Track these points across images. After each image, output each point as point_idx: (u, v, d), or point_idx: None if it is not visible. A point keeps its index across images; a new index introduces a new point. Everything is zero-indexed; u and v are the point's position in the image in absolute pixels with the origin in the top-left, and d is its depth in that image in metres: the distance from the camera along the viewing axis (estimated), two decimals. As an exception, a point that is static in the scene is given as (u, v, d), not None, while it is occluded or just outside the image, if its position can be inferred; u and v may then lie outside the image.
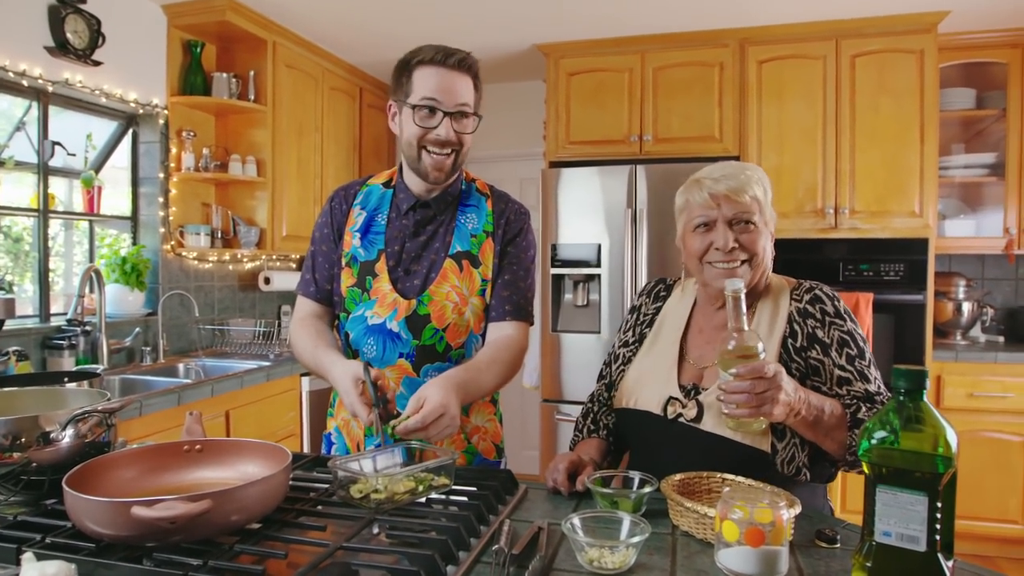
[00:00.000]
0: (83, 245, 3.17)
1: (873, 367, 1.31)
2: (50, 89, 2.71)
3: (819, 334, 1.31)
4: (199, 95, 3.27)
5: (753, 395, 1.09)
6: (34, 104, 2.75)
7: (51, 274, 2.92)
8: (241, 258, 3.68)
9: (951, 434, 0.84)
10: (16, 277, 2.85)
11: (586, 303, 3.60)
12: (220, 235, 3.45)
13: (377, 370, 1.32)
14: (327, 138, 3.91)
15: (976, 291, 3.67)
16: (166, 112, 3.20)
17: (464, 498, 1.16)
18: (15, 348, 2.50)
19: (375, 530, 1.03)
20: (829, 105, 3.41)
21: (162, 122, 3.19)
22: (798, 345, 1.32)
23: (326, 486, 1.22)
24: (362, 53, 3.95)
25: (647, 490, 1.15)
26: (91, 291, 2.85)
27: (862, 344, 1.32)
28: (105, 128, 3.14)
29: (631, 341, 1.52)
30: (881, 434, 0.86)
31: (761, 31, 3.47)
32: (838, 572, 0.95)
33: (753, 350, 1.13)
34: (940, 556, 0.83)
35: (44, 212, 2.82)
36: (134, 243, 3.24)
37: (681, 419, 1.32)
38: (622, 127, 3.65)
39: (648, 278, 3.40)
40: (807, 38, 3.43)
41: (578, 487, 1.25)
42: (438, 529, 1.00)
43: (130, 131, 3.22)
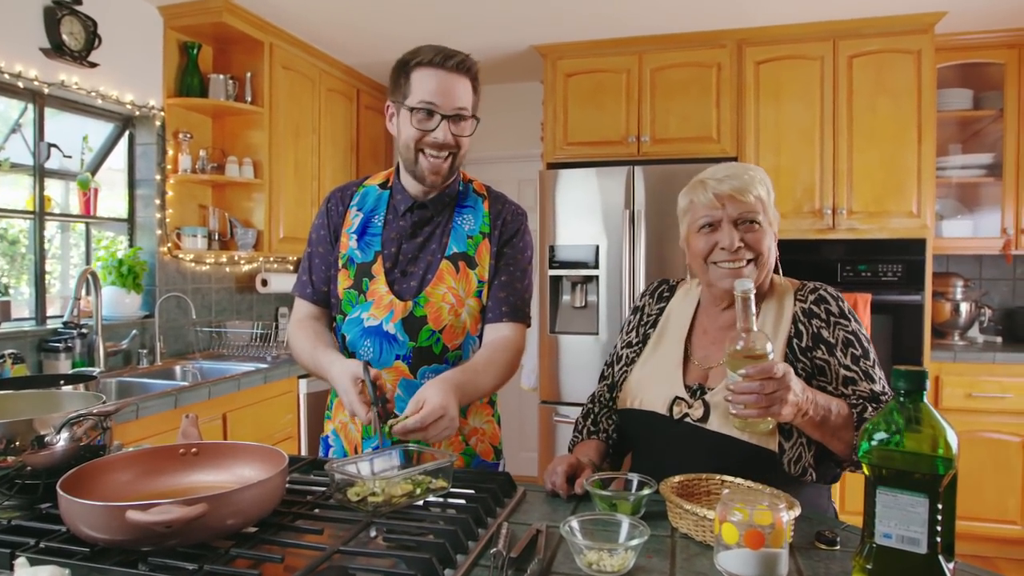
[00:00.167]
0: (80, 247, 3.16)
1: (878, 367, 1.31)
2: (46, 91, 2.70)
3: (824, 334, 1.31)
4: (196, 97, 3.27)
5: (762, 395, 1.09)
6: (30, 106, 2.74)
7: (48, 276, 2.91)
8: (238, 260, 3.67)
9: (951, 435, 0.83)
10: (12, 280, 2.84)
11: (584, 304, 3.59)
12: (217, 237, 3.44)
13: (376, 370, 1.31)
14: (324, 140, 3.90)
15: (974, 291, 3.67)
16: (162, 114, 3.19)
17: (462, 501, 1.16)
18: (11, 351, 2.49)
19: (372, 533, 1.03)
20: (827, 106, 3.41)
21: (159, 124, 3.18)
22: (803, 345, 1.31)
23: (323, 489, 1.21)
24: (359, 54, 3.94)
25: (646, 492, 1.14)
26: (87, 293, 2.85)
27: (867, 344, 1.32)
28: (101, 130, 3.13)
29: (634, 342, 1.51)
30: (881, 435, 0.86)
31: (759, 32, 3.47)
32: (838, 574, 0.95)
33: (762, 350, 1.12)
34: (941, 558, 0.82)
35: (40, 214, 2.81)
36: (131, 245, 3.23)
37: (687, 419, 1.31)
38: (620, 128, 3.65)
39: (646, 279, 3.39)
40: (804, 39, 3.43)
41: (577, 490, 1.25)
42: (436, 532, 0.99)
43: (126, 133, 3.21)
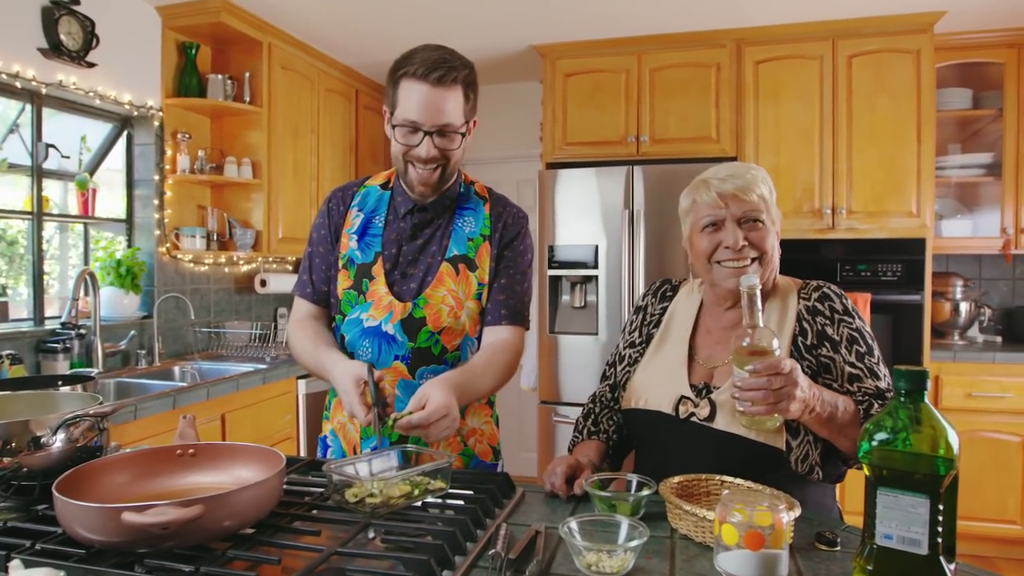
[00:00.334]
0: (78, 248, 3.16)
1: (882, 364, 1.30)
2: (44, 91, 2.70)
3: (828, 331, 1.31)
4: (194, 97, 3.26)
5: (770, 392, 1.08)
6: (28, 106, 2.74)
7: (46, 277, 2.91)
8: (237, 260, 3.67)
9: (952, 435, 0.83)
10: (11, 280, 2.83)
11: (583, 304, 3.59)
12: (216, 237, 3.44)
13: (380, 372, 1.30)
14: (323, 140, 3.89)
15: (973, 291, 3.67)
16: (161, 114, 3.19)
17: (460, 502, 1.15)
18: (9, 352, 2.49)
19: (370, 534, 1.02)
20: (826, 105, 3.41)
21: (157, 124, 3.18)
22: (808, 343, 1.31)
23: (321, 490, 1.20)
24: (358, 55, 3.94)
25: (645, 493, 1.14)
26: (86, 294, 2.84)
27: (871, 341, 1.32)
28: (100, 130, 3.12)
29: (637, 341, 1.50)
30: (882, 436, 0.85)
31: (758, 31, 3.47)
32: (838, 575, 0.94)
33: (768, 347, 1.11)
34: (942, 559, 0.82)
35: (38, 215, 2.81)
36: (129, 246, 3.22)
37: (693, 418, 1.31)
38: (619, 128, 3.64)
39: (646, 279, 3.39)
40: (804, 38, 3.42)
41: (576, 491, 1.24)
42: (434, 533, 0.99)
43: (125, 133, 3.20)
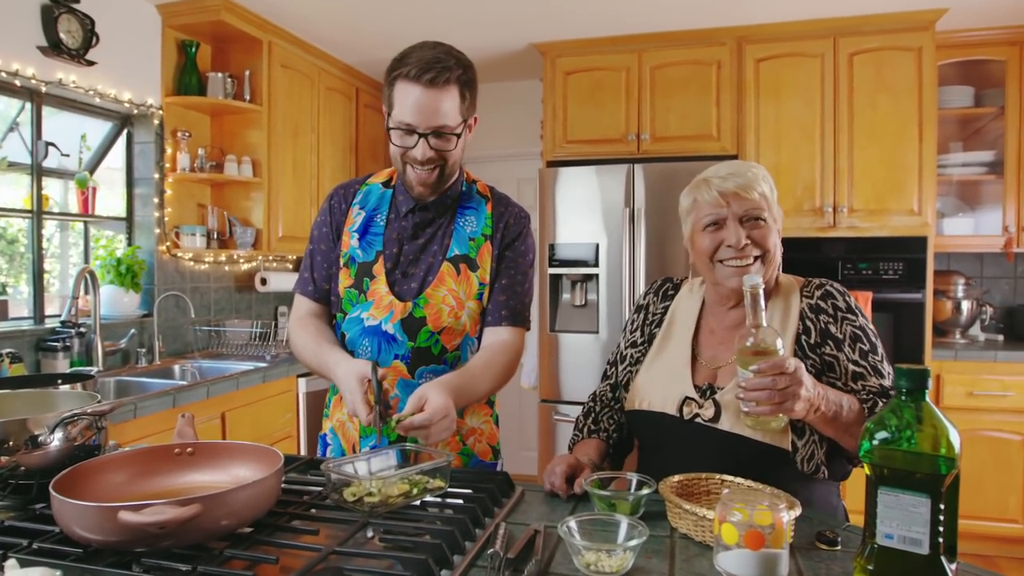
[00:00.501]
0: (79, 246, 3.16)
1: (886, 362, 1.29)
2: (43, 89, 2.70)
3: (832, 329, 1.30)
4: (194, 95, 3.25)
5: (775, 391, 1.07)
6: (27, 104, 2.73)
7: (47, 276, 2.91)
8: (237, 259, 3.67)
9: (954, 434, 0.82)
10: (11, 279, 2.83)
11: (584, 303, 3.58)
12: (216, 236, 3.43)
13: (384, 370, 1.30)
14: (323, 138, 3.89)
15: (975, 289, 3.66)
16: (161, 112, 3.18)
17: (459, 501, 1.15)
18: (9, 350, 2.49)
19: (369, 534, 1.02)
20: (827, 103, 3.40)
21: (157, 122, 3.17)
22: (812, 342, 1.30)
23: (320, 489, 1.20)
24: (358, 53, 3.93)
25: (645, 492, 1.13)
26: (86, 292, 2.84)
27: (874, 339, 1.31)
28: (100, 128, 3.12)
29: (639, 341, 1.49)
30: (883, 435, 0.85)
31: (758, 29, 3.46)
32: (839, 575, 0.94)
33: (772, 346, 1.10)
34: (943, 559, 0.81)
35: (38, 213, 2.80)
36: (129, 244, 3.22)
37: (698, 419, 1.30)
38: (619, 126, 3.64)
39: (646, 278, 3.38)
40: (805, 36, 3.42)
41: (576, 490, 1.24)
42: (432, 532, 0.98)
43: (125, 131, 3.20)
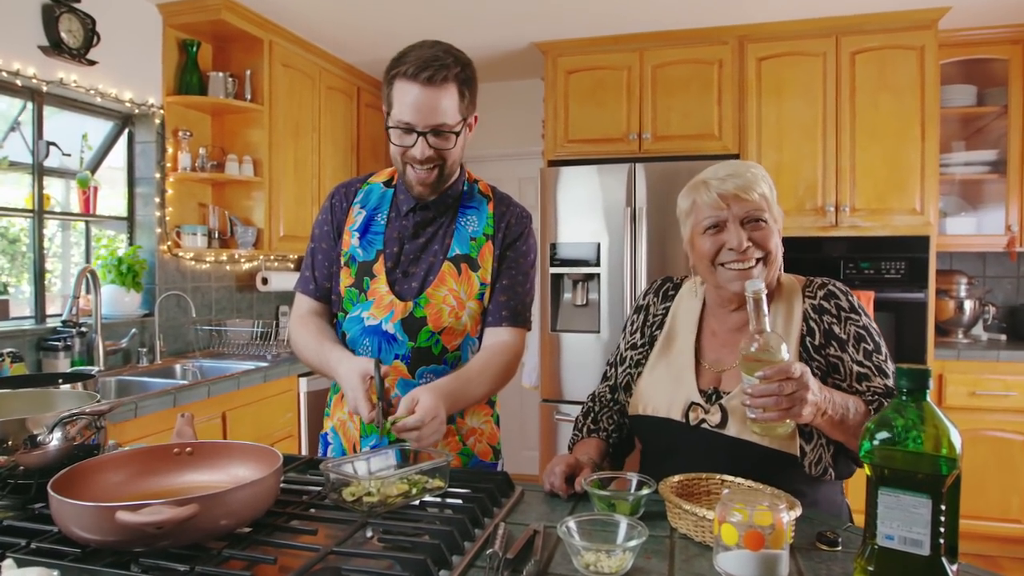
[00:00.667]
0: (81, 246, 3.16)
1: (890, 361, 1.28)
2: (44, 89, 2.70)
3: (836, 330, 1.29)
4: (195, 95, 3.25)
5: (782, 397, 1.05)
6: (28, 104, 2.73)
7: (49, 275, 2.91)
8: (238, 258, 3.67)
9: (955, 435, 0.82)
10: (13, 278, 2.83)
11: (585, 302, 3.58)
12: (217, 235, 3.43)
13: (387, 367, 1.29)
14: (324, 138, 3.89)
15: (978, 289, 3.65)
16: (162, 112, 3.18)
17: (459, 501, 1.15)
18: (10, 350, 2.49)
19: (368, 534, 1.02)
20: (829, 102, 3.39)
21: (158, 122, 3.18)
22: (817, 343, 1.29)
23: (319, 489, 1.20)
24: (360, 52, 3.93)
25: (645, 492, 1.13)
26: (87, 292, 2.84)
27: (878, 338, 1.30)
28: (101, 128, 3.12)
29: (639, 343, 1.47)
30: (883, 435, 0.84)
31: (760, 28, 3.45)
32: (839, 576, 0.94)
33: (776, 352, 1.09)
34: (944, 560, 0.81)
35: (39, 213, 2.81)
36: (130, 244, 3.22)
37: (704, 425, 1.28)
38: (621, 125, 3.63)
39: (648, 277, 3.38)
40: (807, 35, 3.41)
41: (576, 488, 1.23)
42: (431, 533, 0.98)
43: (126, 131, 3.20)
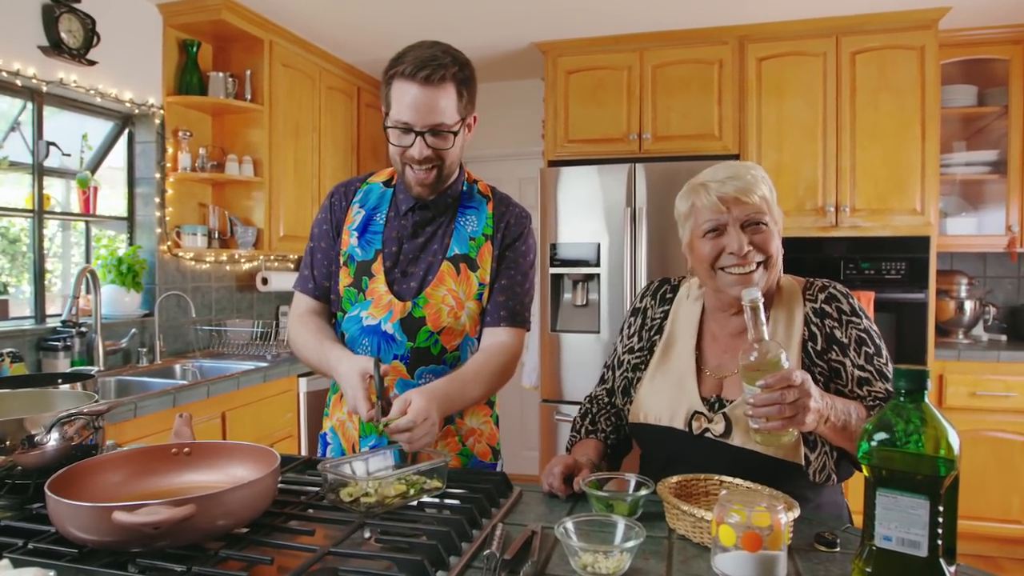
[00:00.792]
0: (81, 246, 3.16)
1: (890, 365, 1.27)
2: (44, 89, 2.70)
3: (837, 334, 1.27)
4: (195, 95, 3.25)
5: (785, 406, 1.04)
6: (28, 104, 2.73)
7: (49, 275, 2.91)
8: (238, 258, 3.67)
9: (953, 436, 0.81)
10: (13, 278, 2.84)
11: (585, 303, 3.58)
12: (217, 235, 3.43)
13: (387, 366, 1.29)
14: (324, 138, 3.89)
15: (978, 289, 3.65)
16: (162, 112, 3.18)
17: (456, 501, 1.14)
18: (10, 350, 2.49)
19: (366, 534, 1.01)
20: (829, 102, 3.38)
21: (158, 122, 3.18)
22: (819, 348, 1.27)
23: (317, 489, 1.20)
24: (360, 52, 3.93)
25: (643, 493, 1.13)
26: (87, 292, 2.84)
27: (879, 341, 1.28)
28: (101, 128, 3.12)
29: (637, 347, 1.45)
30: (881, 436, 0.84)
31: (760, 28, 3.45)
32: (838, 577, 0.93)
33: (776, 360, 1.07)
34: (942, 561, 0.81)
35: (39, 213, 2.81)
36: (130, 244, 3.22)
37: (708, 434, 1.26)
38: (621, 125, 3.63)
39: (648, 277, 3.38)
40: (807, 35, 3.40)
41: (575, 489, 1.23)
42: (429, 533, 0.98)
43: (126, 131, 3.20)
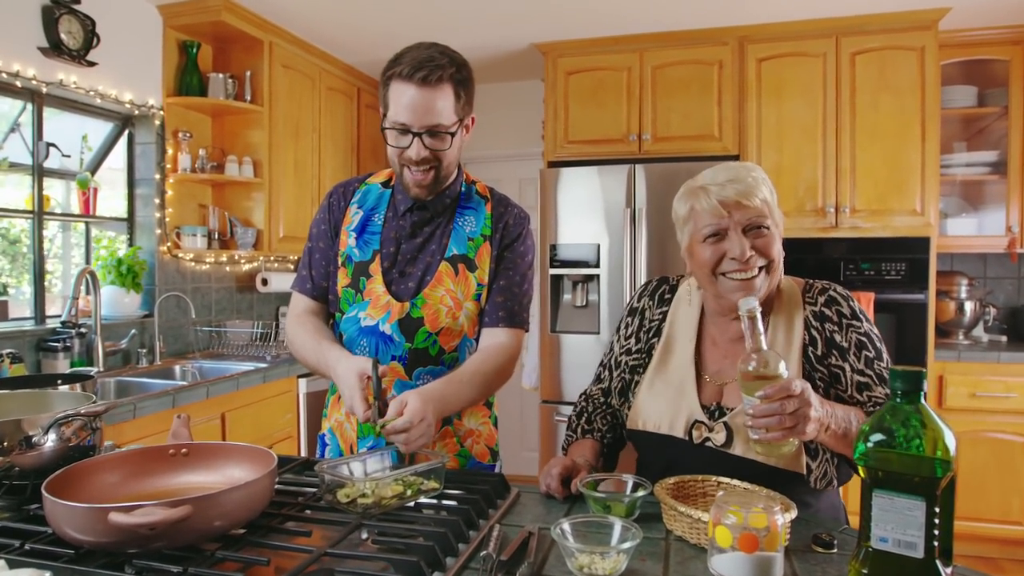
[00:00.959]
0: (81, 247, 3.16)
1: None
2: (44, 90, 2.70)
3: (837, 338, 1.26)
4: (195, 96, 3.26)
5: (785, 416, 1.03)
6: (28, 105, 2.74)
7: (49, 276, 2.91)
8: (238, 259, 3.67)
9: (950, 437, 0.81)
10: (13, 279, 2.84)
11: (585, 303, 3.57)
12: (217, 236, 3.44)
13: (385, 366, 1.29)
14: (324, 139, 3.89)
15: (978, 290, 3.64)
16: (162, 113, 3.19)
17: (453, 502, 1.14)
18: (9, 350, 2.49)
19: (363, 535, 1.02)
20: (829, 103, 3.38)
21: (158, 123, 3.18)
22: (819, 353, 1.25)
23: (314, 490, 1.20)
24: (359, 53, 3.93)
25: (640, 494, 1.13)
26: (87, 293, 2.85)
27: (879, 345, 1.26)
28: (101, 129, 3.12)
29: (634, 349, 1.43)
30: (877, 437, 0.84)
31: (760, 29, 3.45)
32: (834, 578, 0.93)
33: (775, 370, 1.06)
34: (938, 563, 0.81)
35: (39, 214, 2.81)
36: (130, 245, 3.23)
37: (708, 443, 1.25)
38: (621, 126, 3.63)
39: (648, 278, 3.37)
40: (807, 36, 3.40)
41: (572, 490, 1.23)
42: (426, 534, 0.98)
43: (126, 132, 3.20)
